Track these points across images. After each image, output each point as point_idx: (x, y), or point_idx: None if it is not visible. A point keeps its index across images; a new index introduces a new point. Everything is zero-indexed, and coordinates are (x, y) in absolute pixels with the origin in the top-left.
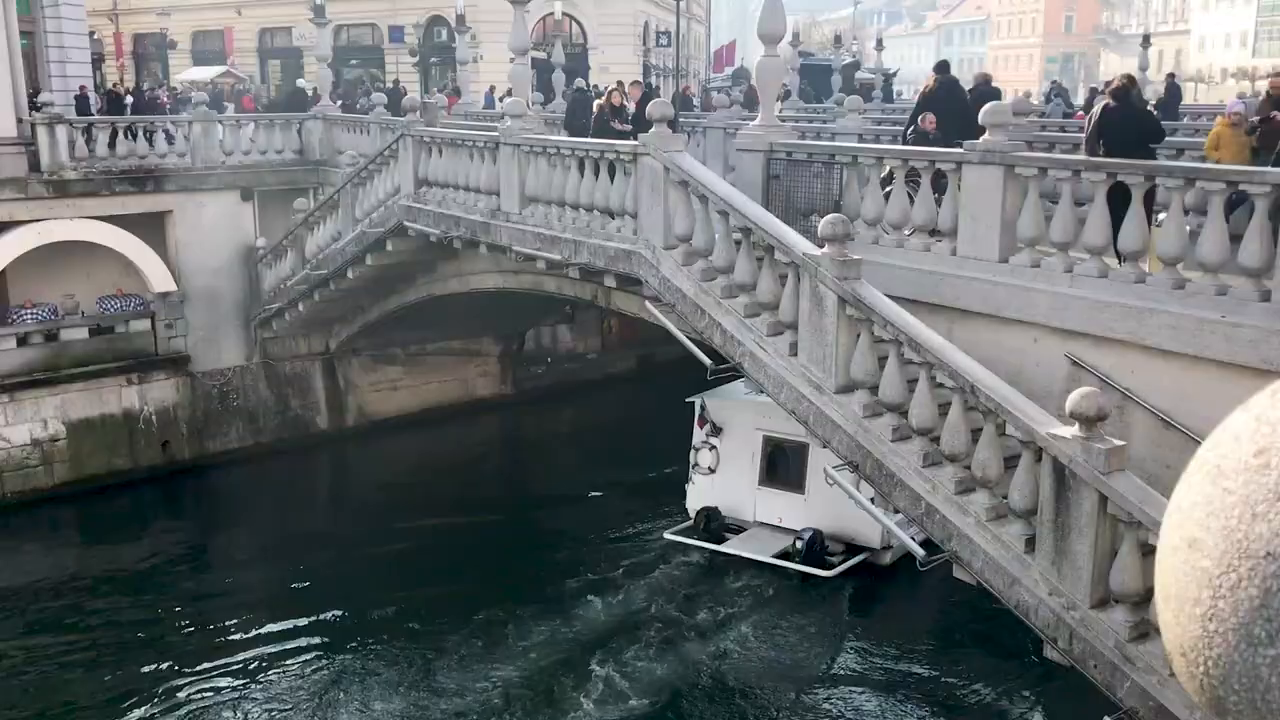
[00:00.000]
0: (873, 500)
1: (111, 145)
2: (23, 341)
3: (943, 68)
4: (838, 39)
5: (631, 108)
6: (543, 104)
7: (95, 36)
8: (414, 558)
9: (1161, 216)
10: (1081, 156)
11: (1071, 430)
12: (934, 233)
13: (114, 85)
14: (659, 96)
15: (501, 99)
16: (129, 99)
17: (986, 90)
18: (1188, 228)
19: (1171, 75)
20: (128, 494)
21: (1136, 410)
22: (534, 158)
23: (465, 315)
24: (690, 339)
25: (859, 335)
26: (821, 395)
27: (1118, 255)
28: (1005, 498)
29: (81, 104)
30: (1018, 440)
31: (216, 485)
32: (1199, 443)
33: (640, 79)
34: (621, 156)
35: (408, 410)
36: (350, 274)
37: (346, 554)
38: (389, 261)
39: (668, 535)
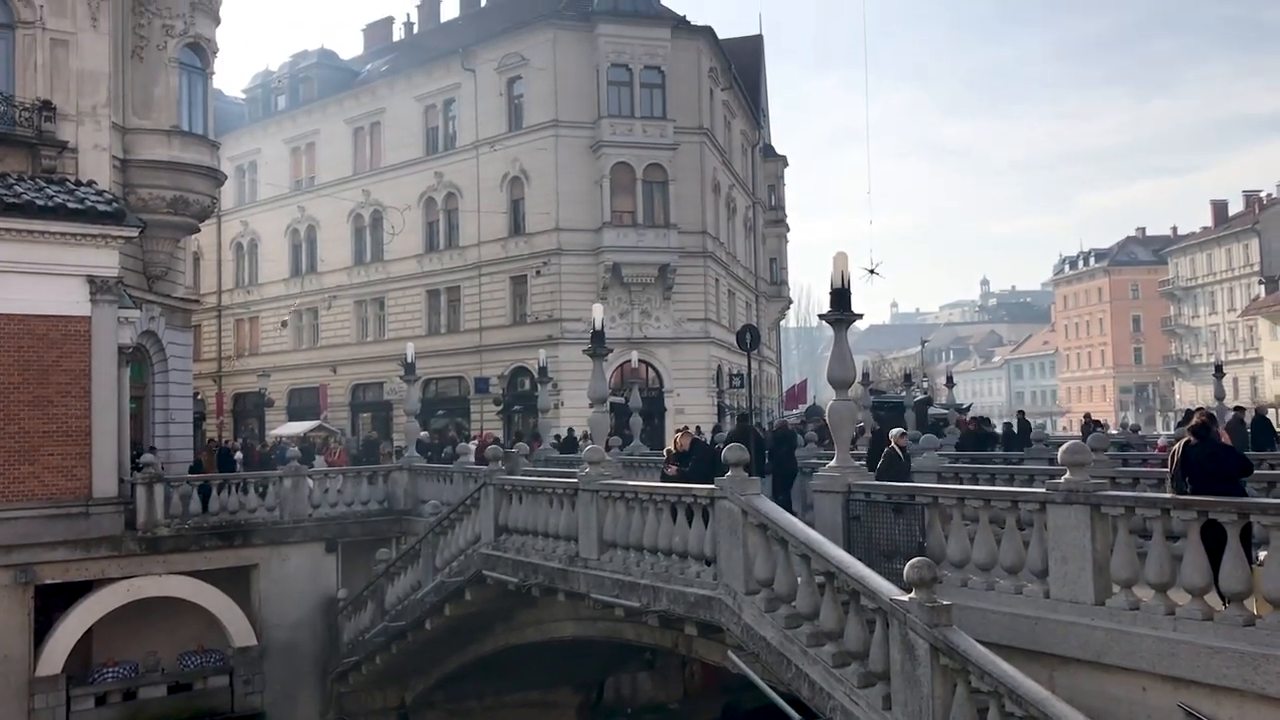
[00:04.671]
0: None
1: (204, 502)
2: (101, 701)
3: (744, 418)
4: (908, 377)
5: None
6: (620, 447)
7: (199, 397)
8: None
9: (1262, 554)
10: (1169, 495)
11: None
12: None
13: (228, 441)
14: (705, 444)
15: (581, 440)
16: (238, 454)
17: (784, 433)
18: None
19: (1021, 412)
20: None
21: None
22: (612, 503)
23: (542, 663)
24: (776, 690)
25: (955, 686)
26: None
27: (1220, 595)
28: None
29: (195, 466)
30: None
31: None
32: None
33: (687, 428)
34: (699, 500)
35: None
36: (428, 625)
37: None
38: (467, 611)
39: None
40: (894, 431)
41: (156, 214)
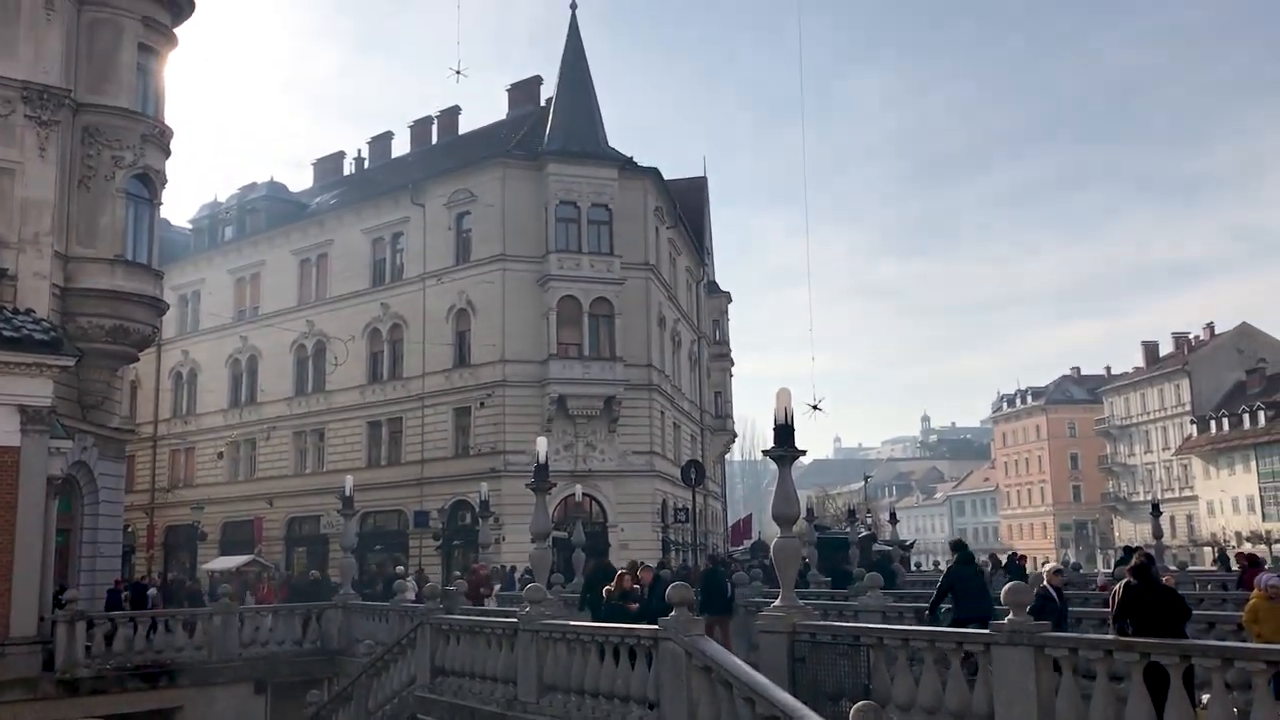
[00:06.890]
0: None
1: (129, 640)
2: None
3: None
4: (852, 512)
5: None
6: (563, 584)
7: (129, 529)
8: None
9: (1205, 697)
10: (1112, 636)
11: None
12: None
13: (142, 577)
14: (672, 578)
15: (520, 577)
16: (153, 590)
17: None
18: (1234, 708)
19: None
20: None
21: None
22: (552, 643)
23: None
24: None
25: None
26: None
27: None
28: None
29: (112, 598)
30: None
31: None
32: None
33: (649, 564)
34: (642, 641)
35: None
36: None
37: None
38: None
39: None
40: (1048, 568)
41: (95, 342)
